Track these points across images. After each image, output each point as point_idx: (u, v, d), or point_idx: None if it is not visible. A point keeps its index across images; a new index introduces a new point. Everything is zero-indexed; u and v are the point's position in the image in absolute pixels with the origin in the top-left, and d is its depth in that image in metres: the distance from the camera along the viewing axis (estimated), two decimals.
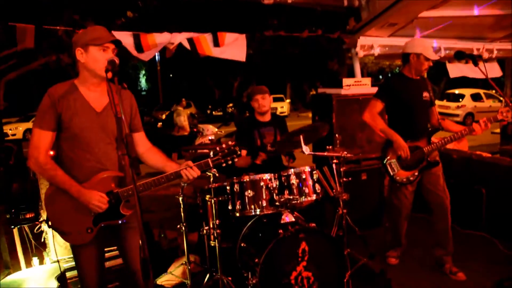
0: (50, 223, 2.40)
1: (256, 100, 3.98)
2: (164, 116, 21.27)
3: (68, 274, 3.73)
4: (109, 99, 2.45)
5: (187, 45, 4.70)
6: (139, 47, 4.51)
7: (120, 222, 2.45)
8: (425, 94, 3.74)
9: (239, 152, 2.55)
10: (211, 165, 2.51)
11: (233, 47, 4.90)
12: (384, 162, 3.69)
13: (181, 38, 4.68)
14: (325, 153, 3.69)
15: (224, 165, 2.55)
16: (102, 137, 2.41)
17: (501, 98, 17.91)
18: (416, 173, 3.65)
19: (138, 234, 2.53)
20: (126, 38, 4.47)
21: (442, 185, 3.75)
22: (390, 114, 3.82)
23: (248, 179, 3.35)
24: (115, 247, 3.42)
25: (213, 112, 27.34)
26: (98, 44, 2.31)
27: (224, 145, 2.55)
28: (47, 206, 2.40)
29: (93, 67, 2.34)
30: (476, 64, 3.49)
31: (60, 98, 2.33)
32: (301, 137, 3.39)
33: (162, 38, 4.63)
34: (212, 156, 2.54)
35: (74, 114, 2.35)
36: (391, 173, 3.66)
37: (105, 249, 2.70)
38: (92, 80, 2.40)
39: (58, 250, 3.84)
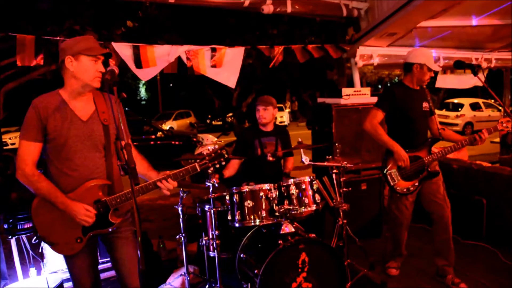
0: (38, 234, 2.37)
1: (258, 111, 3.97)
2: (164, 126, 21.28)
3: (65, 285, 3.70)
4: (95, 107, 2.45)
5: (184, 59, 4.73)
6: (138, 61, 4.50)
7: (110, 230, 2.43)
8: (425, 104, 3.74)
9: (226, 156, 2.54)
10: (198, 169, 2.49)
11: (228, 69, 4.94)
12: (385, 172, 3.67)
13: (180, 51, 4.70)
14: (325, 163, 3.69)
15: (212, 169, 2.54)
16: (89, 145, 2.40)
17: (500, 108, 17.97)
18: (417, 183, 3.63)
19: (129, 245, 2.54)
20: (125, 50, 4.47)
21: (442, 194, 3.73)
22: (390, 124, 3.81)
23: (247, 189, 3.34)
24: None
25: (213, 122, 27.38)
26: (91, 55, 2.32)
27: (210, 149, 2.54)
28: (34, 217, 2.37)
29: (82, 77, 2.34)
30: (476, 74, 3.51)
31: (44, 109, 2.33)
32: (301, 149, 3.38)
33: (162, 51, 4.63)
34: (199, 160, 2.52)
35: (59, 124, 2.34)
36: (391, 183, 3.65)
37: (102, 260, 2.68)
38: (79, 89, 2.39)
39: (55, 261, 3.82)
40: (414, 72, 3.67)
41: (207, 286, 3.63)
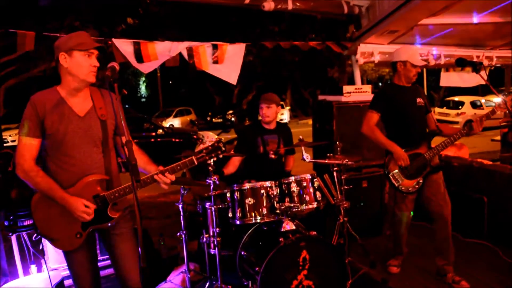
0: (38, 230, 2.38)
1: (261, 108, 3.96)
2: (164, 123, 21.24)
3: (66, 282, 3.69)
4: (93, 103, 2.46)
5: (186, 55, 4.71)
6: (139, 57, 4.49)
7: (109, 224, 2.44)
8: (419, 100, 3.74)
9: (223, 148, 2.55)
10: (196, 162, 2.50)
11: (229, 65, 4.93)
12: (387, 174, 3.66)
13: (181, 47, 4.68)
14: (326, 161, 3.68)
15: (209, 161, 2.54)
16: (86, 141, 2.42)
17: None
18: (421, 180, 3.62)
19: (128, 242, 2.54)
20: (126, 46, 4.45)
21: (442, 193, 3.72)
22: (386, 124, 3.80)
23: (248, 187, 3.34)
24: None
25: (213, 119, 27.41)
26: (83, 50, 2.33)
27: (208, 142, 2.55)
28: (34, 213, 2.38)
29: (76, 72, 2.36)
30: (477, 72, 3.49)
31: (42, 105, 2.34)
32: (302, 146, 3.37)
33: (162, 47, 4.61)
34: (196, 153, 2.53)
35: (57, 120, 2.36)
36: (396, 185, 3.63)
37: (103, 257, 2.68)
38: (75, 85, 2.41)
39: (56, 258, 3.81)
40: (399, 70, 3.71)
41: (207, 283, 3.63)
